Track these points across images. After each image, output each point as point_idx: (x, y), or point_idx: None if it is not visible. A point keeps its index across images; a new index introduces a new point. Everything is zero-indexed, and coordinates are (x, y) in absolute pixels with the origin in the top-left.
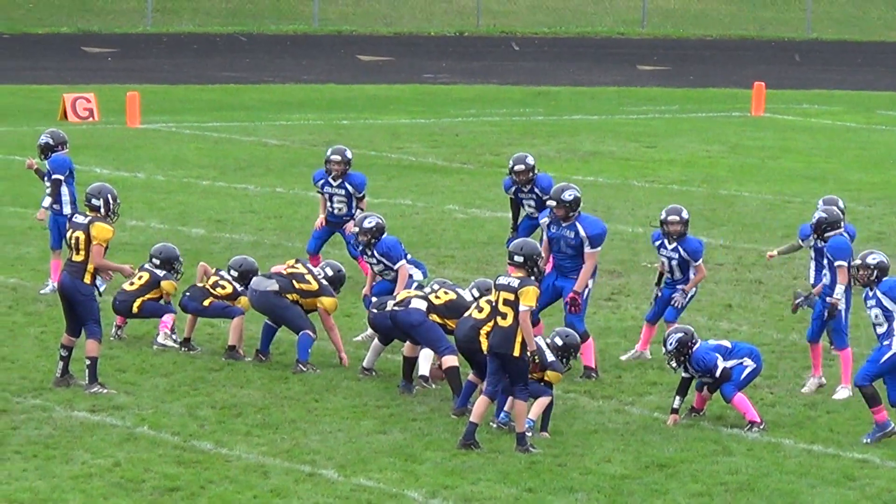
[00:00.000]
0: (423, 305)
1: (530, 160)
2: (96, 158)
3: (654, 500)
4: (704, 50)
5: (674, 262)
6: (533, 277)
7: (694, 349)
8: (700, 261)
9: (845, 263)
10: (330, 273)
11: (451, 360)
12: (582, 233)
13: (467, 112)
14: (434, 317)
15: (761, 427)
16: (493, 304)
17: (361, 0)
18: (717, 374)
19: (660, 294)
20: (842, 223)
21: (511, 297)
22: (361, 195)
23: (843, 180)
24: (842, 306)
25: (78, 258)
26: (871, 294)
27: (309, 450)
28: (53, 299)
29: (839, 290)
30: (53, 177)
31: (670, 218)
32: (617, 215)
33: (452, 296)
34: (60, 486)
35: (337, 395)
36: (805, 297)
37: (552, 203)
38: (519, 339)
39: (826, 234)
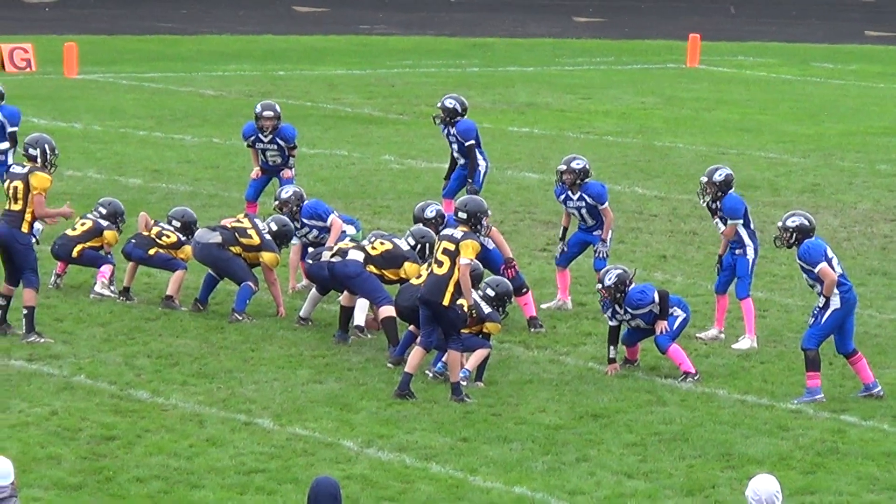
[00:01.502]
0: (360, 256)
1: (449, 103)
2: (34, 109)
3: (589, 449)
4: (639, 1)
5: (583, 211)
6: (477, 234)
7: (629, 289)
8: (606, 203)
9: (738, 221)
10: (274, 228)
11: (387, 311)
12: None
13: (403, 63)
14: (371, 267)
15: (695, 377)
16: (434, 253)
17: None
18: (657, 300)
19: (566, 249)
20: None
21: (452, 247)
22: (293, 146)
23: (778, 132)
24: (750, 255)
25: (16, 207)
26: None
27: (245, 399)
28: None
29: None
30: (11, 130)
31: (562, 168)
32: (552, 166)
33: (389, 246)
34: None
35: (273, 344)
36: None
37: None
38: (450, 290)
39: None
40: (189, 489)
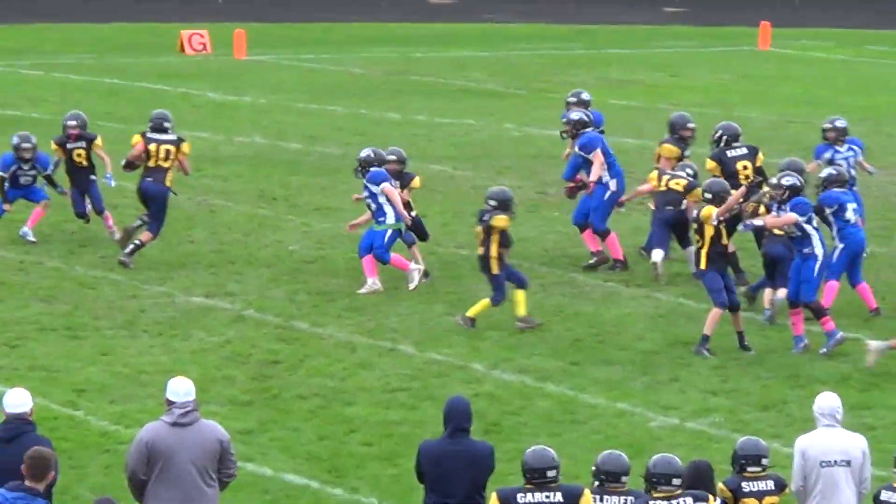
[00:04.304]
0: None
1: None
2: (209, 85)
3: (679, 371)
4: None
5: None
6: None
7: None
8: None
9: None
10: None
11: None
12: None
13: (521, 46)
14: None
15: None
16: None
17: None
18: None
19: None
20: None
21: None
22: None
23: (835, 104)
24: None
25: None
26: (782, 209)
27: (389, 329)
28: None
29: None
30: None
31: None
32: (646, 132)
33: None
34: (181, 360)
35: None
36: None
37: None
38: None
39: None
40: (343, 406)
